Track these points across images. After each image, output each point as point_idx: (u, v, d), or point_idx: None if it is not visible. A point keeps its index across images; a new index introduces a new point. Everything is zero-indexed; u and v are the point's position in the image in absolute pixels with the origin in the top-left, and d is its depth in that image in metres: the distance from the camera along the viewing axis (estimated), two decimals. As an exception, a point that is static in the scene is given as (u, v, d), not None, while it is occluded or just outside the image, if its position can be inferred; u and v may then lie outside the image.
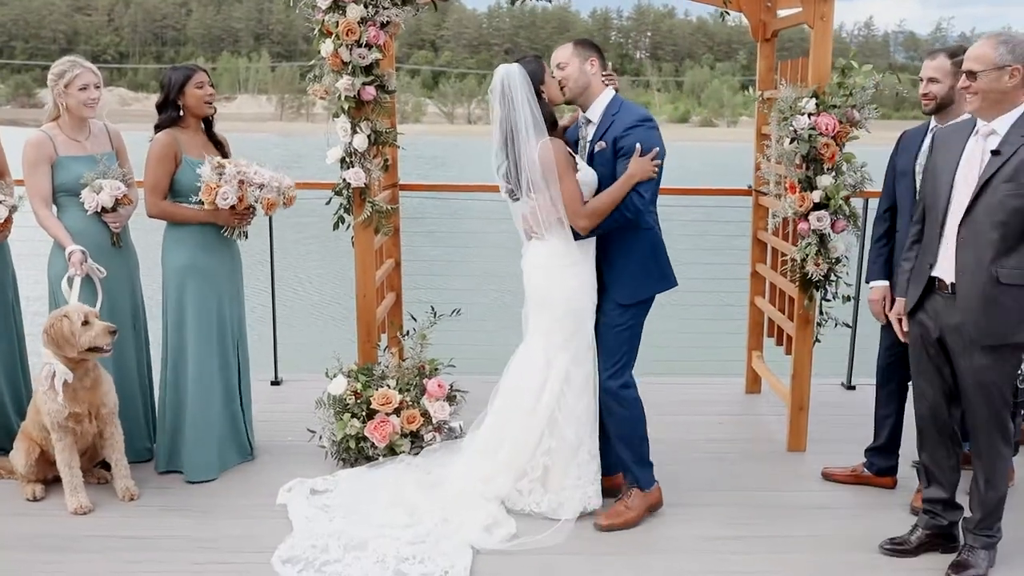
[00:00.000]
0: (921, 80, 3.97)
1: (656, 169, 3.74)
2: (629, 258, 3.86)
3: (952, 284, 3.36)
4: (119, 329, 4.02)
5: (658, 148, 3.74)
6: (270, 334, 5.91)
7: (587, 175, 3.79)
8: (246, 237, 4.48)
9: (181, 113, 4.33)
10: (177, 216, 4.28)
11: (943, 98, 3.92)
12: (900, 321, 3.65)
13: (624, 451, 3.98)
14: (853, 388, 5.89)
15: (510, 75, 3.75)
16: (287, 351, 6.10)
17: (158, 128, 4.31)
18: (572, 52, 3.86)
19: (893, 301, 3.87)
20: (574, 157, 3.81)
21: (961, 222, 3.31)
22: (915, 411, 3.68)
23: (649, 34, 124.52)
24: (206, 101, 4.31)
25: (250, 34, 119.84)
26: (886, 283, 4.12)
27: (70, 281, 4.06)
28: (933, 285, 3.45)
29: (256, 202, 4.23)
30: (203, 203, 4.14)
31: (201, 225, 4.30)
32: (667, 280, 3.93)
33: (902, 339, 3.66)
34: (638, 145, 3.70)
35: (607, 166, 3.81)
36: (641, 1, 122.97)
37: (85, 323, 3.88)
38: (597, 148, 3.86)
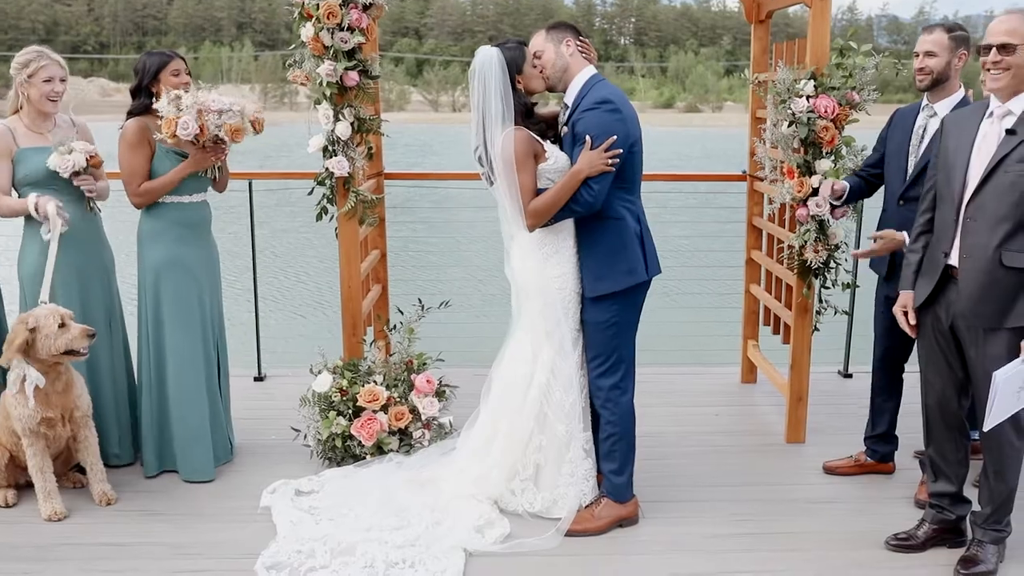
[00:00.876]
0: (916, 55, 3.86)
1: (609, 162, 3.47)
2: (593, 249, 3.67)
3: None
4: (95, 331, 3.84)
5: (615, 136, 3.46)
6: (252, 328, 5.75)
7: (559, 162, 3.60)
8: (223, 172, 4.32)
9: (155, 101, 4.15)
10: (161, 188, 4.09)
11: (939, 73, 3.83)
12: (906, 315, 3.51)
13: (605, 459, 3.83)
14: (850, 376, 5.78)
15: (488, 59, 3.58)
16: (271, 345, 5.95)
17: (130, 115, 4.14)
18: (545, 38, 3.67)
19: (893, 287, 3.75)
20: (543, 145, 3.63)
21: (969, 202, 3.19)
22: (922, 403, 3.56)
23: (633, 20, 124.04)
24: (181, 89, 4.12)
25: (232, 23, 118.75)
26: (847, 186, 4.20)
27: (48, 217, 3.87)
28: (948, 274, 3.31)
29: (219, 130, 4.01)
30: (166, 140, 3.96)
31: (177, 216, 4.14)
32: (633, 275, 3.64)
33: (910, 334, 3.52)
34: (587, 138, 3.47)
35: (569, 152, 3.63)
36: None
37: (61, 325, 3.71)
38: (563, 133, 3.70)
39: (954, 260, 3.27)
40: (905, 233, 3.76)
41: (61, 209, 3.88)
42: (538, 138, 3.61)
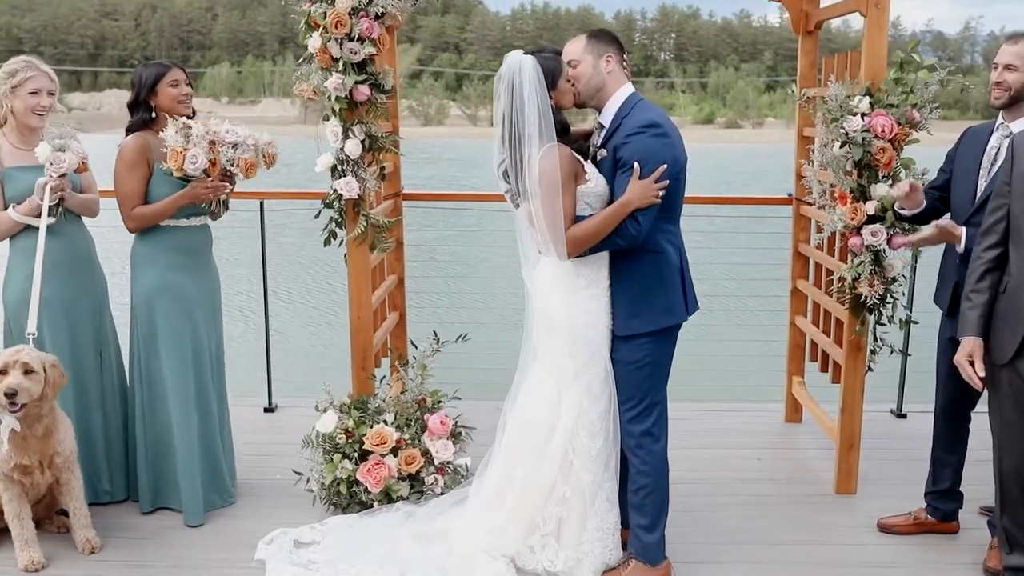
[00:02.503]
0: (995, 67, 3.43)
1: (659, 193, 3.13)
2: (629, 284, 3.31)
3: None
4: (16, 393, 3.29)
5: (665, 164, 3.12)
6: (263, 354, 5.43)
7: (599, 185, 3.26)
8: (227, 208, 4.01)
9: (153, 115, 3.87)
10: (155, 215, 3.80)
11: (1019, 90, 3.41)
12: (972, 364, 3.07)
13: (635, 512, 3.44)
14: (904, 416, 5.33)
15: (522, 68, 3.20)
16: (284, 373, 5.63)
17: (129, 131, 3.85)
18: (585, 47, 3.29)
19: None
20: (583, 165, 3.29)
21: None
22: (996, 469, 3.14)
23: (673, 35, 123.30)
24: (180, 101, 3.83)
25: (275, 38, 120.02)
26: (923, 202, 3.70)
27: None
28: None
29: (231, 164, 3.72)
30: (171, 172, 3.66)
31: (171, 239, 3.85)
32: (672, 313, 3.30)
33: (975, 386, 3.09)
34: (636, 165, 3.11)
35: (608, 177, 3.27)
36: (665, 2, 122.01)
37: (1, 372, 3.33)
38: (599, 156, 3.33)
39: None
40: (964, 228, 3.40)
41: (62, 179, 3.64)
42: (579, 158, 3.27)
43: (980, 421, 3.73)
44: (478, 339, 4.51)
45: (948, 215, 3.67)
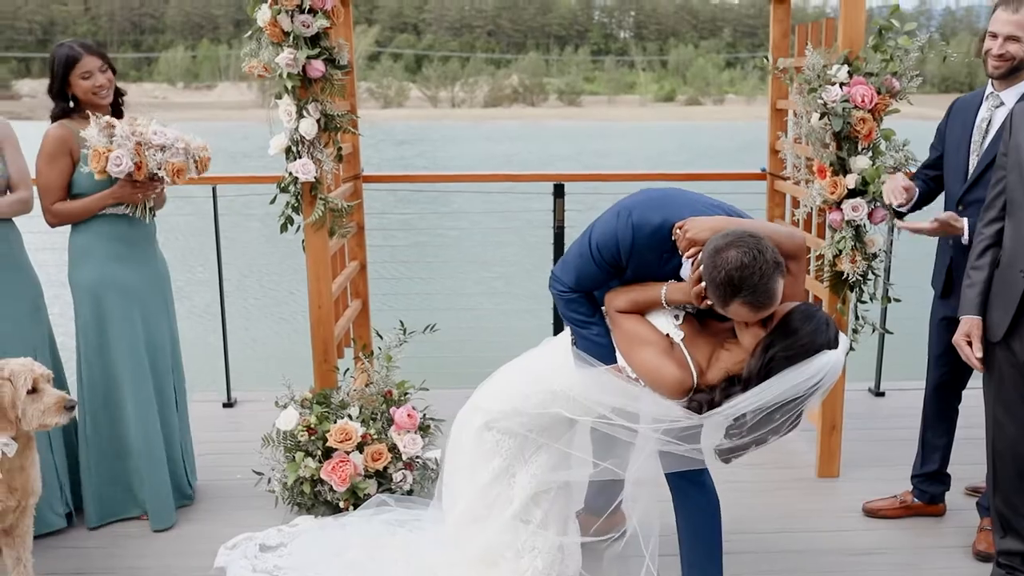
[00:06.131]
0: (995, 36, 3.24)
1: None
2: None
3: None
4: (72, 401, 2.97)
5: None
6: (220, 346, 5.18)
7: None
8: (153, 215, 3.71)
9: (73, 104, 3.61)
10: (77, 213, 3.55)
11: (1021, 60, 3.22)
12: (970, 344, 2.94)
13: (691, 565, 3.11)
14: (882, 394, 5.22)
15: None
16: (245, 366, 5.40)
17: (54, 119, 3.59)
18: None
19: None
20: None
21: None
22: (989, 448, 3.01)
23: (633, 13, 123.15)
24: (95, 93, 3.55)
25: (230, 21, 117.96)
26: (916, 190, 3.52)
27: None
28: None
29: (159, 169, 3.47)
30: (92, 174, 3.42)
31: (110, 229, 3.58)
32: None
33: (976, 368, 2.97)
34: None
35: None
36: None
37: (33, 391, 2.86)
38: None
39: None
40: (965, 220, 3.23)
41: None
42: None
43: (966, 398, 3.63)
44: (444, 324, 4.31)
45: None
